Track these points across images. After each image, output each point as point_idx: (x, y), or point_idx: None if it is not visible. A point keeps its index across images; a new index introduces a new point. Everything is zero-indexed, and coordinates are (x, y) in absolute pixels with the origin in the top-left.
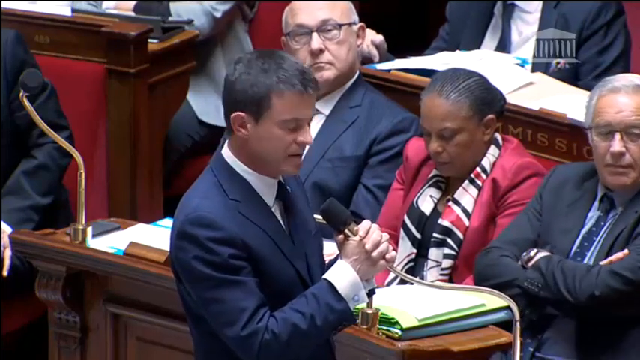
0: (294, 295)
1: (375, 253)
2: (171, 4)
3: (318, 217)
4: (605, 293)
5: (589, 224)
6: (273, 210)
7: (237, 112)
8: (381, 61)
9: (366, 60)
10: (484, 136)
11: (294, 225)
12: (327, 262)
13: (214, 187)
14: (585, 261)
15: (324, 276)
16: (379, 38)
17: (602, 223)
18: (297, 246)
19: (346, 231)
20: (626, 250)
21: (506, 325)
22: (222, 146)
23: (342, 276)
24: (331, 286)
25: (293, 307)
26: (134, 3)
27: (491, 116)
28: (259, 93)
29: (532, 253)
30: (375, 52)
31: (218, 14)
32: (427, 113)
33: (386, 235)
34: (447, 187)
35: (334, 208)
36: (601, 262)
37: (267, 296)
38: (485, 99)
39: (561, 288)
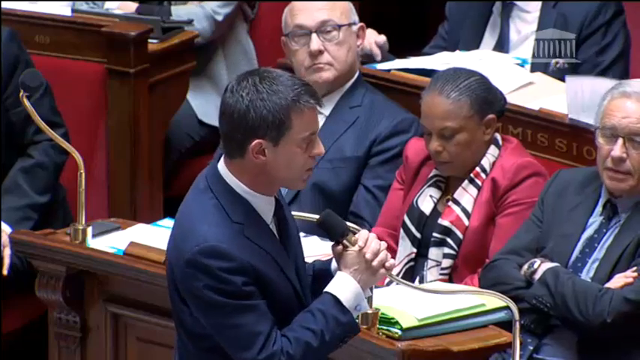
0: (292, 307)
1: (375, 263)
2: (173, 7)
3: (312, 216)
4: (617, 319)
5: (590, 230)
6: (271, 227)
7: (257, 140)
8: (381, 60)
9: (367, 59)
10: (484, 136)
11: (286, 237)
12: (321, 260)
13: (217, 211)
14: (586, 268)
15: (327, 289)
16: (382, 38)
17: (604, 230)
18: (290, 259)
19: (344, 242)
20: (635, 273)
21: (507, 325)
22: (216, 161)
23: (344, 288)
24: (336, 300)
25: (302, 324)
26: (136, 4)
27: (491, 116)
28: (279, 116)
29: (536, 265)
30: (377, 52)
31: (220, 17)
32: (428, 112)
33: (384, 244)
34: (446, 186)
35: (331, 220)
36: (612, 285)
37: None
38: (486, 99)
39: (574, 312)
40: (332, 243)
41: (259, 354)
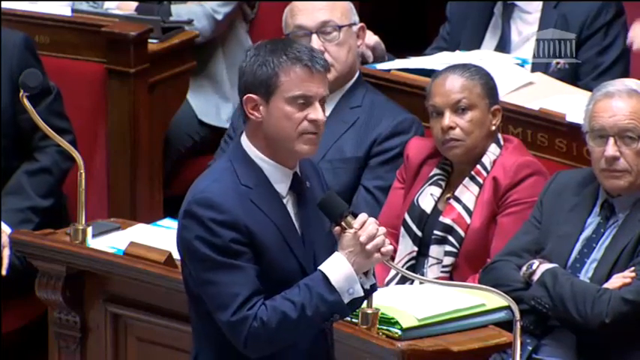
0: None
1: (369, 246)
2: (173, 6)
3: None
4: (615, 320)
5: (589, 230)
6: (285, 201)
7: (249, 95)
8: (378, 61)
9: (363, 60)
10: (491, 125)
11: (307, 220)
12: None
13: (227, 172)
14: (585, 268)
15: (319, 267)
16: (374, 40)
17: (602, 230)
18: (306, 241)
19: (343, 223)
20: (633, 273)
21: (507, 325)
22: (240, 134)
23: (336, 268)
24: (324, 277)
25: (285, 296)
26: (135, 4)
27: (497, 106)
28: (267, 72)
29: (534, 266)
30: (369, 54)
31: (219, 17)
32: (441, 89)
33: (382, 229)
34: (447, 185)
35: (332, 201)
36: (610, 286)
37: (267, 286)
38: (494, 88)
39: (572, 312)
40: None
41: (233, 315)
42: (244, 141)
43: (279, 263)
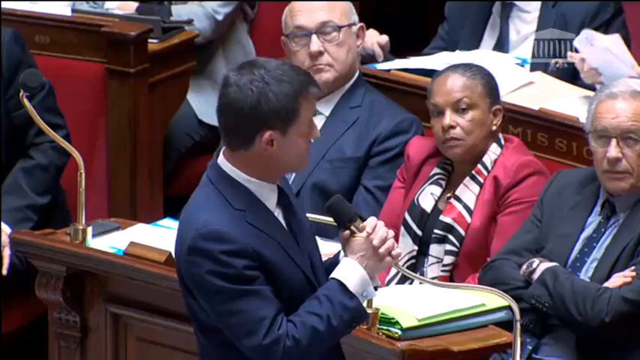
0: (304, 297)
1: (382, 250)
2: (173, 7)
3: (314, 216)
4: (615, 319)
5: (589, 229)
6: (276, 214)
7: (269, 132)
8: (382, 61)
9: (369, 59)
10: (491, 125)
11: (296, 227)
12: (329, 258)
13: (217, 199)
14: (585, 267)
15: (333, 275)
16: (384, 39)
17: (602, 230)
18: (301, 248)
19: (352, 227)
20: (633, 272)
21: (507, 325)
22: (216, 157)
23: (350, 274)
24: (342, 285)
25: (308, 310)
26: (136, 4)
27: (499, 106)
28: (290, 103)
29: (534, 265)
30: (379, 52)
31: (220, 17)
32: (442, 88)
33: (392, 232)
34: (447, 184)
35: (340, 205)
36: (611, 285)
37: (279, 301)
38: (495, 88)
39: (572, 311)
40: (335, 245)
41: (264, 339)
42: (226, 165)
43: (287, 277)
